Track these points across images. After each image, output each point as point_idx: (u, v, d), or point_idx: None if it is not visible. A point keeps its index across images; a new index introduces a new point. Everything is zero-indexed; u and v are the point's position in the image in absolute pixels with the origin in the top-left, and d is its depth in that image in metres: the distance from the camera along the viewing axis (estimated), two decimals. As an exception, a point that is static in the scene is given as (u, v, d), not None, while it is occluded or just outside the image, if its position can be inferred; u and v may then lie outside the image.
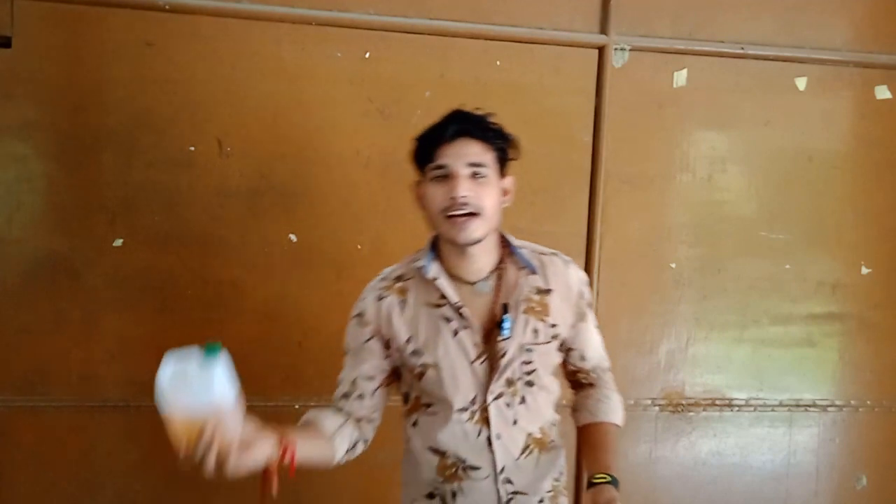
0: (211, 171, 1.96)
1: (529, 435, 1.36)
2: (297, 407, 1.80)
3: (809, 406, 2.29)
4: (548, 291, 1.35)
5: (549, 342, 1.35)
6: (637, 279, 2.18)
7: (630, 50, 2.12)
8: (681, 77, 2.16)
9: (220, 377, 1.07)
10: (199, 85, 1.95)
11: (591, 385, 1.45)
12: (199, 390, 1.05)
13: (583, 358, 1.43)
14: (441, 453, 1.35)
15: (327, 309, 1.96)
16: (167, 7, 1.91)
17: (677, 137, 2.18)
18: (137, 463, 1.99)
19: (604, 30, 2.11)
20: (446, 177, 1.28)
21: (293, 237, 2.00)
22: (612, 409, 1.43)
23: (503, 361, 1.31)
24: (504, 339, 1.31)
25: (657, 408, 2.22)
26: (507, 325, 1.31)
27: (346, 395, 1.38)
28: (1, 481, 1.93)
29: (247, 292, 1.98)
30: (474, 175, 1.27)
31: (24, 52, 1.87)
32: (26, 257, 1.91)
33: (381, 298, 1.36)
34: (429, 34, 2.03)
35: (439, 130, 1.31)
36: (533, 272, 1.35)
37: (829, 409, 2.30)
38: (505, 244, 1.37)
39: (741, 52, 2.17)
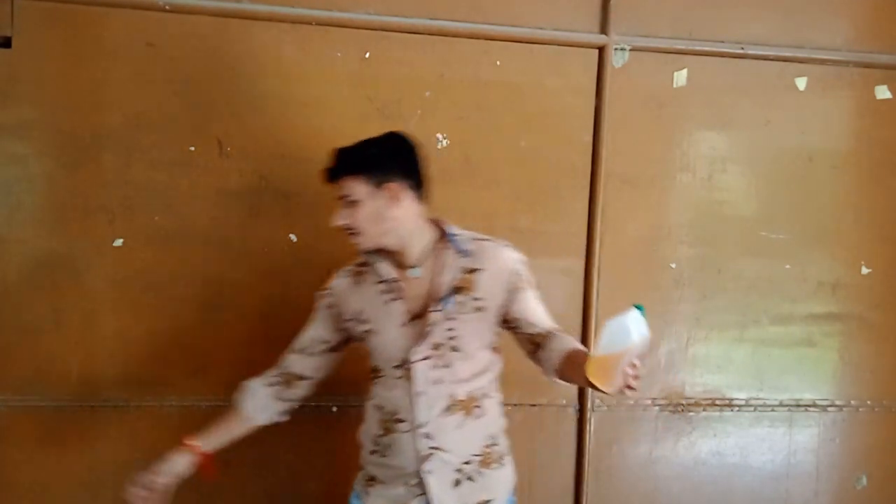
0: (211, 171, 1.96)
1: (452, 396, 1.54)
2: (297, 406, 1.80)
3: (809, 406, 2.29)
4: (475, 270, 1.57)
5: (472, 313, 1.55)
6: (637, 279, 2.18)
7: (630, 50, 2.12)
8: (681, 77, 2.16)
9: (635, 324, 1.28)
10: (199, 85, 1.95)
11: (549, 337, 1.57)
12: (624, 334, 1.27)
13: (531, 324, 1.59)
14: (381, 408, 1.59)
15: (327, 309, 1.96)
16: (167, 7, 1.91)
17: (677, 137, 2.18)
18: (137, 463, 1.99)
19: (604, 30, 2.11)
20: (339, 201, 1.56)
21: (293, 237, 2.00)
22: (575, 341, 1.57)
23: (428, 329, 1.53)
24: (436, 311, 1.53)
25: (657, 408, 2.22)
26: (446, 302, 1.55)
27: (298, 351, 1.67)
28: (1, 481, 1.93)
29: (247, 292, 1.98)
30: (347, 203, 1.54)
31: (24, 52, 1.87)
32: (26, 257, 1.91)
33: (343, 278, 1.67)
34: (429, 34, 2.03)
35: (325, 171, 1.59)
36: (465, 255, 1.58)
37: (829, 409, 2.30)
38: (443, 233, 1.61)
39: (741, 52, 2.17)
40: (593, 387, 1.35)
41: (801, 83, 2.21)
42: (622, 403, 2.19)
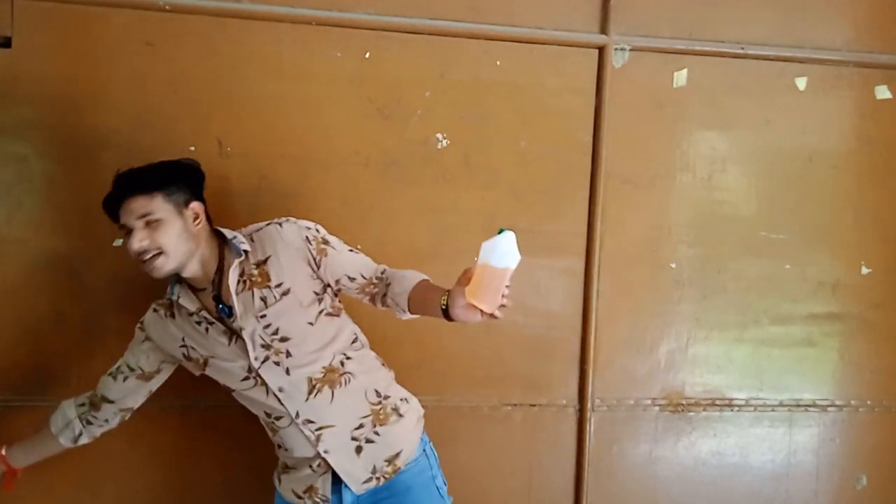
0: (211, 171, 1.95)
1: (310, 378, 1.57)
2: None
3: (809, 406, 2.29)
4: (265, 260, 1.56)
5: (280, 301, 1.54)
6: (637, 279, 2.18)
7: (630, 50, 2.12)
8: (681, 77, 2.16)
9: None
10: (199, 85, 1.95)
11: (386, 282, 1.60)
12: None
13: (352, 279, 1.60)
14: (258, 415, 1.66)
15: (327, 309, 1.96)
16: (167, 7, 1.91)
17: (677, 137, 2.18)
18: (137, 463, 1.99)
19: (604, 30, 2.11)
20: (129, 232, 1.50)
21: (293, 237, 2.00)
22: (413, 274, 1.58)
23: (246, 334, 1.55)
24: (234, 321, 1.55)
25: (657, 408, 2.22)
26: (224, 310, 1.57)
27: (112, 375, 1.72)
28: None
29: (247, 292, 1.98)
30: (147, 224, 1.49)
31: (24, 52, 1.87)
32: (26, 257, 1.91)
33: (155, 311, 1.68)
34: (429, 34, 2.03)
35: (110, 198, 1.54)
36: (242, 255, 1.56)
37: (829, 409, 2.30)
38: (223, 242, 1.60)
39: (741, 52, 2.17)
40: (447, 316, 1.40)
41: (801, 83, 2.21)
42: (622, 403, 2.19)
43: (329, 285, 1.62)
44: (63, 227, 1.92)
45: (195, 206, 1.56)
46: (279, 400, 1.58)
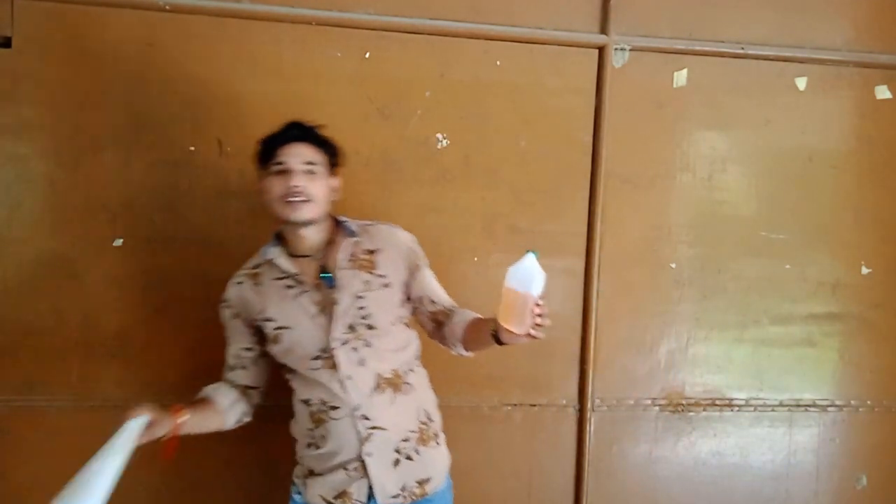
0: (211, 171, 1.96)
1: (379, 375, 1.58)
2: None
3: (809, 406, 2.29)
4: (374, 251, 1.62)
5: (380, 290, 1.60)
6: (637, 279, 2.18)
7: (630, 50, 2.12)
8: (681, 77, 2.16)
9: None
10: (199, 85, 1.95)
11: (451, 313, 1.66)
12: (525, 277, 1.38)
13: (433, 301, 1.67)
14: (307, 402, 1.61)
15: (327, 309, 1.96)
16: (167, 7, 1.91)
17: (677, 137, 2.18)
18: (137, 463, 1.99)
19: (604, 30, 2.11)
20: (285, 171, 1.55)
21: (293, 237, 2.00)
22: (471, 312, 1.65)
23: (339, 309, 1.56)
24: (332, 289, 1.57)
25: (657, 408, 2.22)
26: (328, 277, 1.59)
27: (232, 368, 1.69)
28: (1, 481, 1.93)
29: (247, 292, 1.98)
30: (307, 171, 1.56)
31: (24, 52, 1.87)
32: (26, 257, 1.91)
33: (238, 284, 1.67)
34: (429, 34, 2.03)
35: (280, 135, 1.59)
36: (353, 235, 1.62)
37: (829, 409, 2.30)
38: (337, 224, 1.67)
39: (741, 52, 2.17)
40: (498, 340, 1.45)
41: (801, 83, 2.21)
42: (622, 403, 2.19)
43: (409, 299, 1.67)
44: (63, 227, 1.92)
45: (337, 181, 1.65)
46: (343, 387, 1.56)
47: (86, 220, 1.92)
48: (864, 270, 2.27)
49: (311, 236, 1.61)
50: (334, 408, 1.57)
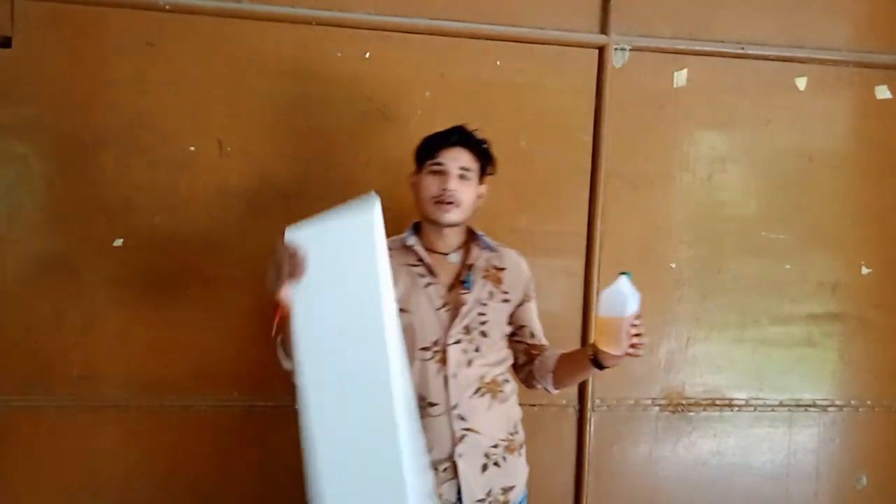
0: (211, 171, 1.96)
1: (482, 378, 1.63)
2: (297, 407, 1.80)
3: (809, 406, 2.29)
4: (502, 269, 1.71)
5: (500, 303, 1.68)
6: (637, 279, 2.17)
7: (630, 50, 2.12)
8: (681, 77, 2.16)
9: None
10: (199, 85, 1.95)
11: (544, 349, 1.74)
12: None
13: (532, 335, 1.75)
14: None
15: (327, 309, 1.96)
16: (167, 7, 1.91)
17: (677, 137, 2.18)
18: (137, 463, 1.99)
19: (604, 30, 2.11)
20: (441, 173, 1.63)
21: (293, 237, 2.00)
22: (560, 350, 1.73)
23: (463, 310, 1.63)
24: (465, 293, 1.64)
25: (657, 408, 2.22)
26: (469, 280, 1.66)
27: None
28: (1, 481, 1.93)
29: (247, 292, 1.98)
30: (461, 176, 1.63)
31: (24, 52, 1.87)
32: (26, 257, 1.91)
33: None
34: (429, 34, 2.03)
35: (443, 136, 1.66)
36: (492, 251, 1.72)
37: (829, 409, 2.30)
38: (471, 232, 1.74)
39: (741, 52, 2.17)
40: (598, 364, 1.53)
41: (801, 83, 2.21)
42: (622, 403, 2.19)
43: (512, 324, 1.73)
44: (63, 227, 1.92)
45: (484, 188, 1.73)
46: (447, 384, 1.59)
47: (86, 220, 1.92)
48: (864, 270, 2.27)
49: (450, 237, 1.68)
50: (432, 404, 1.60)
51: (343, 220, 1.47)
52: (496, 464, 1.63)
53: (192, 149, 1.95)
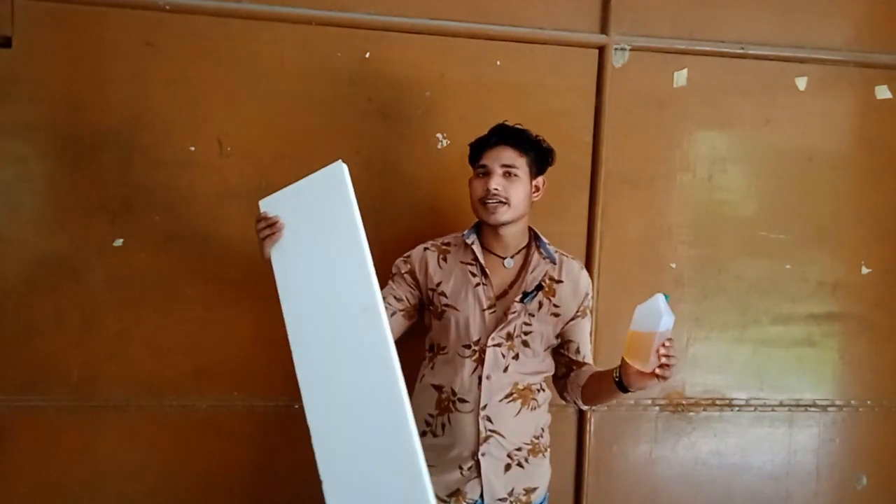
0: (211, 171, 1.96)
1: (515, 384, 1.65)
2: (296, 407, 1.80)
3: (809, 406, 2.29)
4: (559, 282, 1.70)
5: (548, 316, 1.68)
6: (637, 279, 2.18)
7: (630, 50, 2.12)
8: (681, 77, 2.16)
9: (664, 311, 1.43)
10: (199, 85, 1.95)
11: (583, 366, 1.74)
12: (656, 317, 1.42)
13: (578, 352, 1.74)
14: (439, 388, 1.66)
15: (327, 309, 1.96)
16: (167, 7, 1.91)
17: (677, 137, 2.18)
18: (137, 463, 1.99)
19: (604, 30, 2.11)
20: (486, 174, 1.65)
21: (293, 237, 2.00)
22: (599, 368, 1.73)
23: (510, 316, 1.64)
24: (518, 302, 1.64)
25: (657, 408, 2.22)
26: (529, 296, 1.65)
27: None
28: (1, 481, 1.93)
29: (247, 292, 1.98)
30: (506, 174, 1.63)
31: (24, 52, 1.87)
32: (26, 257, 1.91)
33: (426, 250, 1.75)
34: (429, 34, 2.03)
35: (484, 139, 1.69)
36: (553, 262, 1.71)
37: (829, 409, 2.30)
38: (534, 237, 1.75)
39: (741, 52, 2.17)
40: (623, 387, 1.53)
41: (801, 83, 2.21)
42: (622, 403, 2.19)
43: (561, 336, 1.73)
44: (63, 227, 1.92)
45: (540, 180, 1.72)
46: (479, 384, 1.62)
47: (86, 220, 1.92)
48: (864, 270, 2.27)
49: (508, 239, 1.69)
50: (463, 401, 1.62)
51: (310, 179, 1.56)
52: (519, 464, 1.65)
53: (192, 149, 1.95)
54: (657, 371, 1.45)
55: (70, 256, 1.92)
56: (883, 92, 2.24)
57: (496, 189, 1.61)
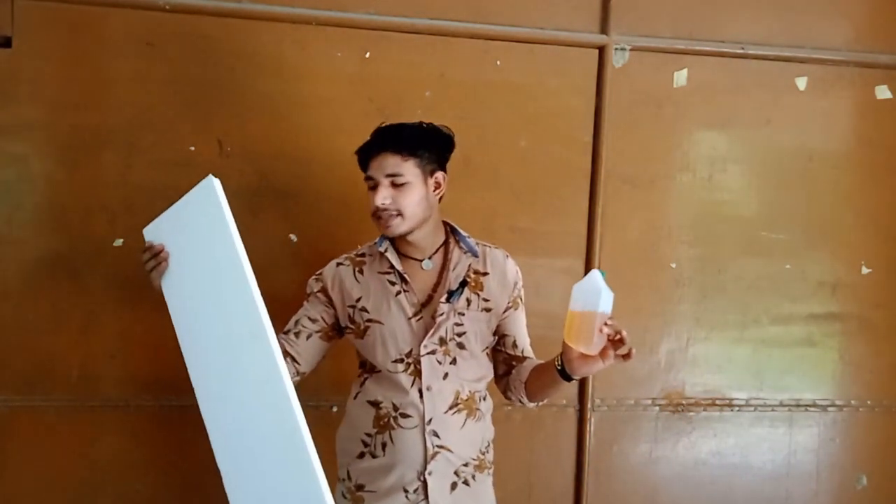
0: (211, 171, 1.96)
1: (458, 393, 1.54)
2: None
3: (809, 406, 2.29)
4: (485, 274, 1.60)
5: (480, 312, 1.57)
6: (637, 279, 2.18)
7: (630, 50, 2.12)
8: (681, 77, 2.16)
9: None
10: (199, 85, 1.95)
11: (523, 360, 1.64)
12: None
13: (516, 346, 1.64)
14: (377, 404, 1.54)
15: (327, 309, 1.96)
16: (167, 7, 1.91)
17: (677, 137, 2.18)
18: (137, 463, 1.99)
19: (604, 30, 2.11)
20: (374, 186, 1.54)
21: (293, 237, 2.00)
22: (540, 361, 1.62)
23: (438, 319, 1.52)
24: (444, 302, 1.53)
25: (657, 408, 2.22)
26: (454, 294, 1.55)
27: (287, 331, 1.61)
28: (1, 481, 1.93)
29: (247, 292, 1.97)
30: (393, 183, 1.51)
31: (24, 52, 1.87)
32: (26, 257, 1.91)
33: (339, 265, 1.64)
34: (429, 34, 2.03)
35: (364, 148, 1.57)
36: (475, 255, 1.60)
37: (829, 409, 2.30)
38: (451, 231, 1.64)
39: (741, 52, 2.17)
40: (566, 375, 1.43)
41: (801, 83, 2.21)
42: (622, 403, 2.19)
43: (496, 333, 1.63)
44: (63, 227, 1.92)
45: (440, 175, 1.58)
46: (421, 397, 1.51)
47: (86, 220, 1.92)
48: (864, 270, 2.27)
49: (420, 242, 1.58)
50: (406, 416, 1.51)
51: (185, 199, 1.50)
52: (465, 482, 1.54)
53: (192, 149, 1.95)
54: (613, 352, 1.35)
55: (70, 256, 1.92)
56: (883, 92, 2.24)
57: (384, 203, 1.50)
